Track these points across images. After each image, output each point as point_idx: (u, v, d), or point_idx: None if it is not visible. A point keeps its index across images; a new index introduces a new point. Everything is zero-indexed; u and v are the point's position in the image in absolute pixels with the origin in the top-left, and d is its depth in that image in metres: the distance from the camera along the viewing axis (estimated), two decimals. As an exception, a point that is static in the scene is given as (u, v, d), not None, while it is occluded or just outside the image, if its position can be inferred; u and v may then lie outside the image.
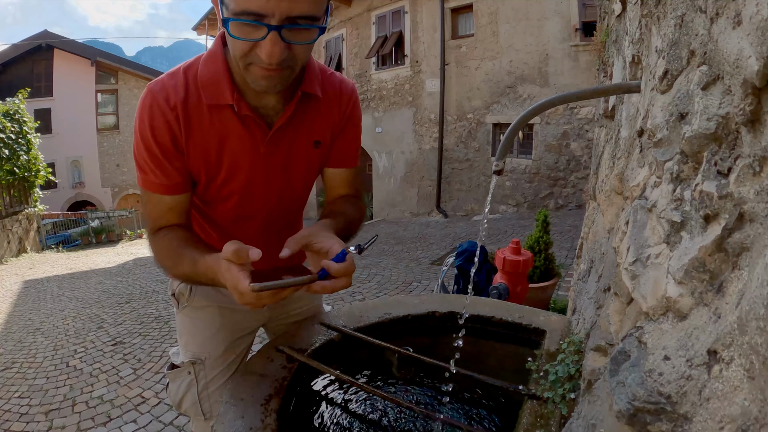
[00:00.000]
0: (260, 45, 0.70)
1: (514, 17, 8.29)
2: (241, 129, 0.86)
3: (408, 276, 4.83)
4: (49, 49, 14.94)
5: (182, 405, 1.11)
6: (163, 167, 0.84)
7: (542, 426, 0.81)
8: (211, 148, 0.87)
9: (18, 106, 8.50)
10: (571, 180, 7.96)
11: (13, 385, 2.86)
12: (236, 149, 0.88)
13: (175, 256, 0.84)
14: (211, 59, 0.84)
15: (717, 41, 0.44)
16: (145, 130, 0.82)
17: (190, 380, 1.08)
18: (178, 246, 0.84)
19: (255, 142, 0.88)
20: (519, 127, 0.84)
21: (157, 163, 0.84)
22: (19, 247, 8.47)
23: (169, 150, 0.84)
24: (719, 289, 0.42)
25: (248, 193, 0.94)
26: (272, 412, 0.86)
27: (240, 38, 0.70)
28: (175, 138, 0.84)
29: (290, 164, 0.95)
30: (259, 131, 0.87)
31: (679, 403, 0.42)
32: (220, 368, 1.10)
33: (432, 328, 1.26)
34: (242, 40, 0.70)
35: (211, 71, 0.83)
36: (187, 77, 0.84)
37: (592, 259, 1.18)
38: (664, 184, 0.57)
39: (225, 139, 0.87)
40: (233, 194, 0.94)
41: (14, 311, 4.71)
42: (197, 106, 0.84)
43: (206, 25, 17.23)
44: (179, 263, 0.83)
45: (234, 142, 0.87)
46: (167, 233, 0.87)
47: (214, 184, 0.92)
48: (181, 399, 1.10)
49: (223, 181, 0.91)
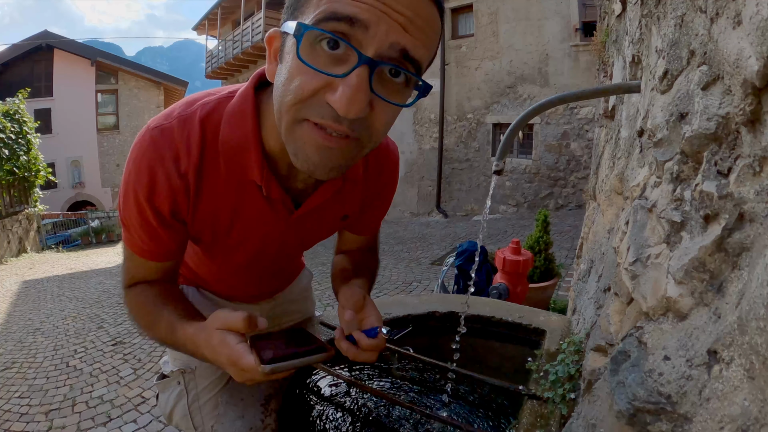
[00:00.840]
0: (334, 85, 0.48)
1: (514, 17, 8.30)
2: (264, 206, 0.70)
3: (408, 276, 4.84)
4: (49, 49, 14.94)
5: (173, 417, 1.05)
6: (155, 236, 0.67)
7: (542, 426, 0.81)
8: (222, 217, 0.70)
9: (18, 106, 8.50)
10: (571, 180, 7.96)
11: (13, 385, 2.86)
12: (252, 222, 0.72)
13: (149, 315, 0.72)
14: (238, 116, 0.63)
15: (717, 41, 0.44)
16: (140, 191, 0.63)
17: (179, 390, 1.02)
18: (154, 305, 0.71)
19: (276, 220, 0.73)
20: (519, 127, 0.84)
21: (148, 231, 0.66)
22: (19, 247, 8.47)
23: (167, 220, 0.66)
24: (719, 289, 0.42)
25: (257, 258, 0.82)
26: (272, 412, 0.87)
27: (311, 65, 0.47)
28: (177, 208, 0.66)
29: (310, 235, 0.83)
30: (284, 211, 0.72)
31: (679, 403, 0.42)
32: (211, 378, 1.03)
33: (432, 328, 1.26)
34: (313, 69, 0.48)
35: (237, 135, 0.63)
36: (205, 132, 0.63)
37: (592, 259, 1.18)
38: (664, 184, 0.57)
39: (240, 211, 0.70)
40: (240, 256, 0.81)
41: (14, 311, 4.71)
42: (213, 174, 0.65)
43: (206, 25, 17.26)
44: (155, 325, 0.71)
45: (251, 216, 0.71)
46: (144, 290, 0.74)
47: (219, 246, 0.77)
48: (171, 411, 1.04)
49: (231, 247, 0.77)
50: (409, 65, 0.49)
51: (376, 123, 0.52)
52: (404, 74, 0.50)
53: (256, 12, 13.48)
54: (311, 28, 0.46)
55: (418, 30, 0.48)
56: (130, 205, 0.65)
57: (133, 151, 0.63)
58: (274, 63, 0.56)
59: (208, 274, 0.93)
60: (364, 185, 0.79)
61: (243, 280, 0.93)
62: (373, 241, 0.99)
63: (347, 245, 0.97)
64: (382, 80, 0.50)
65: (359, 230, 0.92)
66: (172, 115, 0.64)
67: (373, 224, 0.93)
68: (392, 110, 0.53)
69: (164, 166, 0.62)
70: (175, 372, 1.03)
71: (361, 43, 0.46)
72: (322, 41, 0.47)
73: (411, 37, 0.48)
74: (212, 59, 16.86)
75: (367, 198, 0.83)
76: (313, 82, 0.48)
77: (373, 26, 0.45)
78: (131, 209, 0.65)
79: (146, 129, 0.63)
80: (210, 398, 1.03)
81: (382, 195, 0.86)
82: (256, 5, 13.74)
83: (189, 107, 0.65)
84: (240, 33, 14.19)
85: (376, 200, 0.85)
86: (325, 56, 0.48)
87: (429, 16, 0.49)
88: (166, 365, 1.08)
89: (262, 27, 12.82)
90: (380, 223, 0.96)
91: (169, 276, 0.77)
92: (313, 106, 0.50)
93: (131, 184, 0.63)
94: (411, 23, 0.47)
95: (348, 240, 0.95)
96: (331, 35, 0.46)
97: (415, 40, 0.48)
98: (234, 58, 14.74)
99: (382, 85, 0.50)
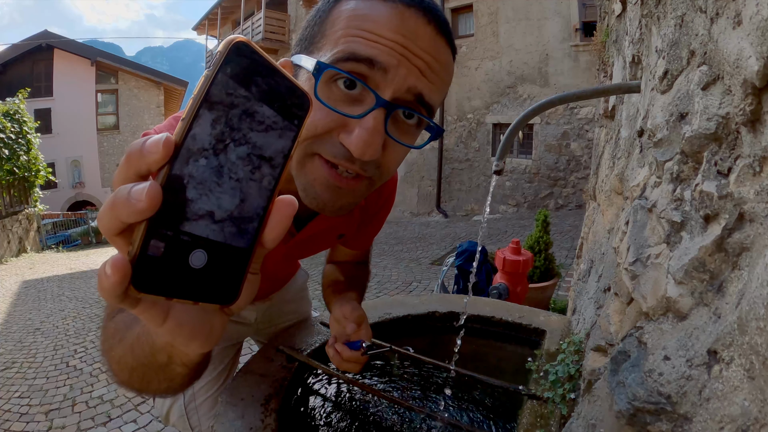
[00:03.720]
0: (350, 126, 0.47)
1: (514, 17, 8.30)
2: None
3: (408, 276, 4.83)
4: (49, 49, 14.94)
5: (169, 418, 1.05)
6: None
7: (542, 426, 0.81)
8: None
9: (18, 106, 8.50)
10: (571, 180, 7.96)
11: (13, 385, 2.86)
12: None
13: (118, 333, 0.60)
14: None
15: (717, 41, 0.44)
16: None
17: None
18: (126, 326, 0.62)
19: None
20: (519, 127, 0.84)
21: None
22: (19, 247, 8.47)
23: None
24: (719, 289, 0.42)
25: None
26: (272, 412, 0.86)
27: (327, 105, 0.47)
28: None
29: (307, 252, 0.85)
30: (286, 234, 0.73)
31: (679, 403, 0.42)
32: (207, 378, 1.04)
33: (432, 328, 1.26)
34: (329, 108, 0.47)
35: None
36: None
37: (592, 259, 1.18)
38: (664, 184, 0.57)
39: None
40: None
41: (14, 311, 4.71)
42: None
43: (206, 25, 17.25)
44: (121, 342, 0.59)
45: None
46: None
47: None
48: (167, 412, 1.05)
49: None
50: (422, 109, 0.50)
51: (387, 163, 0.52)
52: (417, 116, 0.50)
53: (256, 12, 13.48)
54: (331, 68, 0.46)
55: (435, 74, 0.49)
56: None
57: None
58: None
59: None
60: (364, 206, 0.81)
61: None
62: (364, 255, 1.01)
63: (339, 257, 0.99)
64: (396, 122, 0.50)
65: (353, 246, 0.95)
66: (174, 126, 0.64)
67: (366, 241, 0.95)
68: (403, 151, 0.53)
69: None
70: None
71: (378, 85, 0.46)
72: (338, 80, 0.47)
73: (427, 82, 0.48)
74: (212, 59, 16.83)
75: (365, 218, 0.83)
76: (327, 120, 0.48)
77: (393, 70, 0.46)
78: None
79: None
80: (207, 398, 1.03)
81: (378, 215, 0.87)
82: (256, 5, 13.73)
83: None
84: (240, 33, 14.17)
85: (373, 219, 0.87)
86: (341, 95, 0.47)
87: (445, 60, 0.50)
88: None
89: (262, 27, 12.81)
90: (373, 239, 0.98)
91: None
92: (326, 143, 0.49)
93: None
94: (429, 68, 0.48)
95: (341, 252, 0.98)
96: (349, 76, 0.45)
97: (431, 85, 0.48)
98: (234, 58, 14.72)
99: (395, 126, 0.50)
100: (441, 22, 0.49)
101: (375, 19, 0.46)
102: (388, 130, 0.48)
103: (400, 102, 0.48)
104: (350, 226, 0.81)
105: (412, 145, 0.52)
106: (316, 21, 0.51)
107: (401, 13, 0.46)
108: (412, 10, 0.47)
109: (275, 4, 13.40)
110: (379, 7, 0.47)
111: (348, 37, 0.46)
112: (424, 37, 0.47)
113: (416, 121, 0.51)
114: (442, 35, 0.49)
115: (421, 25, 0.47)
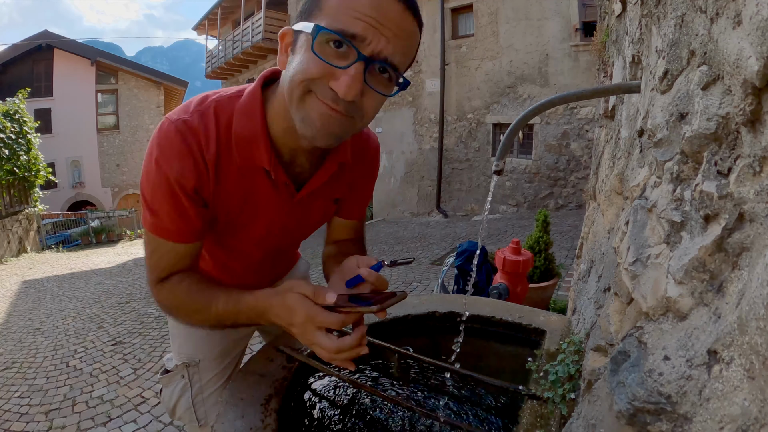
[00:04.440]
0: (337, 75, 0.61)
1: (514, 17, 8.30)
2: (270, 190, 0.81)
3: (408, 276, 4.83)
4: (49, 49, 14.95)
5: (176, 411, 1.08)
6: (185, 214, 0.74)
7: (542, 426, 0.81)
8: (235, 199, 0.80)
9: (18, 106, 8.50)
10: (571, 180, 7.96)
11: (13, 385, 2.86)
12: (260, 205, 0.83)
13: (200, 298, 0.77)
14: (248, 111, 0.74)
15: (717, 41, 0.44)
16: (172, 175, 0.70)
17: (183, 384, 1.06)
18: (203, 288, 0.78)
19: (280, 202, 0.83)
20: (519, 127, 0.84)
21: (179, 209, 0.74)
22: (19, 247, 8.47)
23: (194, 197, 0.74)
24: (719, 289, 0.42)
25: (262, 239, 0.91)
26: (272, 412, 0.86)
27: (321, 57, 0.60)
28: (202, 188, 0.75)
29: (308, 217, 0.93)
30: (287, 193, 0.82)
31: (679, 403, 0.42)
32: (215, 371, 1.07)
33: (432, 328, 1.26)
34: (322, 60, 0.60)
35: (248, 128, 0.74)
36: (219, 126, 0.73)
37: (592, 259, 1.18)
38: (664, 184, 0.57)
39: (250, 194, 0.80)
40: (247, 237, 0.90)
41: (14, 311, 4.71)
42: (228, 162, 0.75)
43: (206, 25, 17.26)
44: (207, 307, 0.76)
45: (259, 198, 0.82)
46: (183, 278, 0.80)
47: (230, 228, 0.86)
48: (174, 405, 1.07)
49: (241, 226, 0.86)
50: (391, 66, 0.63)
51: (366, 107, 0.66)
52: (389, 72, 0.64)
53: (256, 12, 13.48)
54: (325, 29, 0.59)
55: (400, 41, 0.62)
56: (161, 190, 0.72)
57: (159, 142, 0.71)
58: (286, 55, 0.68)
59: (213, 264, 0.98)
60: (351, 167, 0.89)
61: (246, 264, 0.99)
62: (360, 229, 1.06)
63: (337, 233, 1.04)
64: (372, 75, 0.63)
65: (348, 213, 1.01)
66: (189, 110, 0.73)
67: (360, 207, 1.02)
68: (379, 98, 0.66)
69: (192, 153, 0.71)
70: (179, 366, 1.07)
71: (359, 47, 0.60)
72: (330, 42, 0.60)
73: (392, 47, 0.62)
74: (212, 59, 16.86)
75: (354, 181, 0.94)
76: (320, 68, 0.61)
77: (368, 38, 0.60)
78: (162, 193, 0.72)
79: (169, 122, 0.71)
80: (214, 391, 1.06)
81: (366, 177, 0.97)
82: (256, 5, 13.73)
83: (203, 103, 0.75)
84: (240, 33, 14.18)
85: (360, 182, 0.97)
86: (331, 52, 0.61)
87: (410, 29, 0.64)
88: (169, 361, 1.11)
89: (262, 27, 12.81)
90: (366, 207, 1.05)
91: (195, 264, 0.84)
92: (318, 86, 0.62)
93: (162, 170, 0.71)
94: (395, 36, 0.61)
95: (337, 227, 1.03)
96: (339, 36, 0.59)
97: (395, 49, 0.62)
98: (234, 58, 14.74)
99: (372, 78, 0.63)
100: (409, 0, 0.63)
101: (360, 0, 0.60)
102: (367, 80, 0.62)
103: (375, 59, 0.61)
104: (342, 186, 0.92)
105: (386, 94, 0.65)
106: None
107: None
108: None
109: (275, 4, 13.40)
110: None
111: (339, 12, 0.60)
112: (393, 13, 0.61)
113: (388, 76, 0.64)
114: (409, 11, 0.63)
115: (391, 3, 0.60)
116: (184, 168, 0.71)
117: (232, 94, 0.76)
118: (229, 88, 0.80)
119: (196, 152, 0.71)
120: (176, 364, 1.07)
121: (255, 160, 0.75)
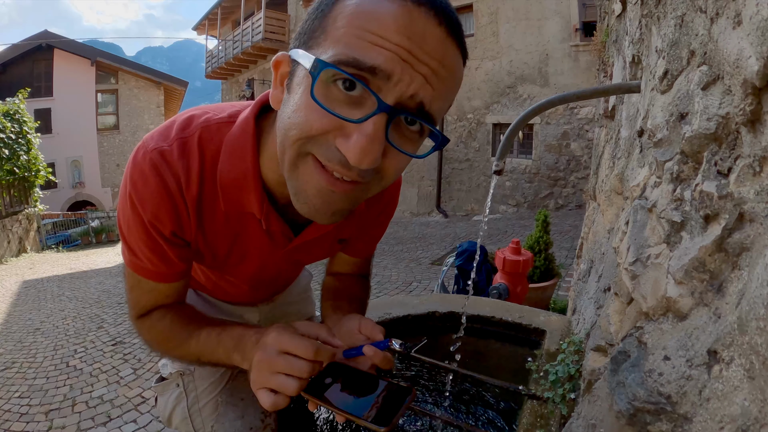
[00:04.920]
0: (347, 130, 0.44)
1: (514, 17, 8.30)
2: (262, 236, 0.69)
3: (408, 276, 4.83)
4: (49, 49, 14.94)
5: (172, 421, 1.02)
6: (164, 256, 0.64)
7: (542, 426, 0.81)
8: (222, 243, 0.70)
9: (18, 106, 8.50)
10: (571, 180, 7.96)
11: (13, 385, 2.86)
12: (250, 249, 0.72)
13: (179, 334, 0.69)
14: (237, 149, 0.60)
15: (717, 41, 0.44)
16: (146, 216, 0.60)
17: (179, 393, 1.00)
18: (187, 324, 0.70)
19: (274, 248, 0.72)
20: (519, 127, 0.84)
21: (158, 252, 0.64)
22: (19, 247, 8.47)
23: (172, 240, 0.64)
24: (719, 289, 0.42)
25: (254, 276, 0.82)
26: (272, 412, 0.86)
27: (325, 107, 0.43)
28: (182, 230, 0.64)
29: (308, 258, 0.82)
30: (282, 239, 0.70)
31: (679, 403, 0.42)
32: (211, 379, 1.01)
33: (432, 328, 1.26)
34: (326, 110, 0.43)
35: (236, 170, 0.60)
36: (204, 162, 0.60)
37: (592, 259, 1.18)
38: (664, 184, 0.57)
39: (239, 238, 0.70)
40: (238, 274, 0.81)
41: (14, 311, 4.71)
42: (212, 206, 0.63)
43: (206, 25, 17.26)
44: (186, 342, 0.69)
45: (249, 243, 0.71)
46: (166, 313, 0.71)
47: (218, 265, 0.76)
48: (170, 414, 1.02)
49: (231, 266, 0.76)
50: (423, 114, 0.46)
51: (387, 170, 0.49)
52: (420, 123, 0.47)
53: (256, 12, 13.48)
54: (330, 67, 0.42)
55: (440, 82, 0.45)
56: (138, 230, 0.61)
57: (133, 175, 0.59)
58: (280, 89, 0.52)
59: (206, 281, 0.92)
60: (365, 210, 0.75)
61: (241, 291, 0.92)
62: (366, 266, 0.94)
63: (339, 267, 0.93)
64: (398, 128, 0.46)
65: (355, 253, 0.89)
66: (170, 136, 0.59)
67: (369, 247, 0.90)
68: (405, 159, 0.49)
69: (170, 194, 0.59)
70: (173, 374, 1.00)
71: (380, 88, 0.43)
72: (337, 80, 0.43)
73: (431, 90, 0.44)
74: (212, 59, 16.87)
75: (366, 221, 0.79)
76: (323, 121, 0.44)
77: (396, 76, 0.42)
78: (138, 233, 0.62)
79: (144, 152, 0.58)
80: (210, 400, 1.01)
81: (380, 217, 0.82)
82: (256, 5, 13.74)
83: (187, 128, 0.61)
84: (240, 33, 14.18)
85: (374, 222, 0.82)
86: (340, 96, 0.44)
87: (453, 66, 0.46)
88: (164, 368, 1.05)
89: (262, 27, 12.82)
90: (375, 246, 0.92)
91: (181, 297, 0.74)
92: (320, 144, 0.46)
93: (137, 210, 0.60)
94: (434, 74, 0.44)
95: (341, 261, 0.91)
96: (351, 77, 0.42)
97: (434, 92, 0.45)
98: (234, 58, 14.75)
99: (397, 133, 0.46)
100: (453, 23, 0.45)
101: (380, 19, 0.42)
102: (389, 137, 0.45)
103: (405, 107, 0.44)
104: (350, 229, 0.78)
105: (414, 153, 0.48)
106: (317, 14, 0.47)
107: (409, 12, 0.42)
108: (422, 9, 0.42)
109: (275, 4, 13.40)
110: (386, 4, 0.42)
111: (350, 37, 0.42)
112: (433, 40, 0.43)
113: (419, 128, 0.47)
114: (452, 38, 0.45)
115: (430, 27, 0.43)
116: (159, 210, 0.59)
117: (221, 120, 0.62)
118: (221, 105, 0.67)
119: (174, 192, 0.59)
120: (171, 372, 1.01)
121: (244, 206, 0.63)
